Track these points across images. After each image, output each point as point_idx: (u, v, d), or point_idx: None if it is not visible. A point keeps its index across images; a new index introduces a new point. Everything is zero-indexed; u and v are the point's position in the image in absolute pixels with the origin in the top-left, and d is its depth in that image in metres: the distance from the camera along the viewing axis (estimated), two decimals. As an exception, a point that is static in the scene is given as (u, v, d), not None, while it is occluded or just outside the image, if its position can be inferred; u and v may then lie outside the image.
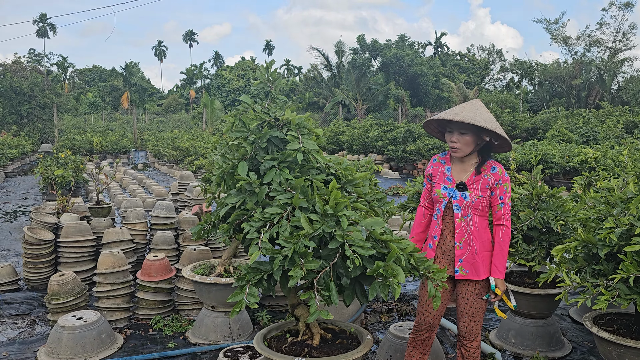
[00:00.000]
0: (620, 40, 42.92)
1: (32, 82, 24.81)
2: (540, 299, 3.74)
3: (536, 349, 3.78)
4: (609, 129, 15.85)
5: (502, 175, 2.76)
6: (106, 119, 43.99)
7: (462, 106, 2.75)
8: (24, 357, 3.86)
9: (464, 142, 2.71)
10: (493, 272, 2.78)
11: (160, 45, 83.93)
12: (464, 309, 2.87)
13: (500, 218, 2.76)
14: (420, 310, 2.95)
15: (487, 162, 2.78)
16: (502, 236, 2.76)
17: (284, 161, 2.64)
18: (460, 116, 2.65)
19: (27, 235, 5.21)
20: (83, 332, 3.80)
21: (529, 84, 48.62)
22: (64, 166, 9.76)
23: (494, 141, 2.73)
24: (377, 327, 4.38)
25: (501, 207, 2.75)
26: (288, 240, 2.05)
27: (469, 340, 2.90)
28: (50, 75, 45.02)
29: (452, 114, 2.70)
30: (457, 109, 2.73)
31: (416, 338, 3.00)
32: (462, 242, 2.76)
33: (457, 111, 2.70)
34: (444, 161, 2.89)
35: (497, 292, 2.77)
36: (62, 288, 4.28)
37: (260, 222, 2.23)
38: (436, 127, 2.96)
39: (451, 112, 2.73)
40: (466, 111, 2.68)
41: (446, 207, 2.80)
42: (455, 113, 2.69)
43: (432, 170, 2.90)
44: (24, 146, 21.41)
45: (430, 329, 2.96)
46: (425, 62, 44.46)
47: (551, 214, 3.64)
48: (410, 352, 3.04)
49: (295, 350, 2.41)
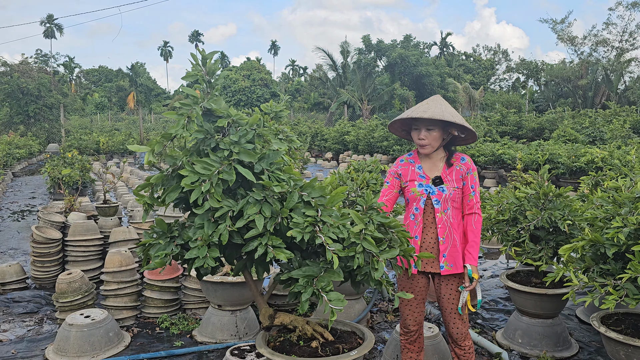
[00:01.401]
0: (627, 40, 42.70)
1: (39, 82, 24.98)
2: (547, 298, 3.73)
3: (543, 348, 3.77)
4: (615, 129, 15.77)
5: (471, 164, 2.86)
6: (112, 120, 44.20)
7: (426, 103, 2.80)
8: (32, 355, 3.89)
9: (432, 138, 2.77)
10: (467, 259, 2.79)
11: (166, 46, 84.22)
12: (452, 310, 2.85)
13: (472, 207, 2.83)
14: (403, 310, 2.97)
15: (454, 154, 2.86)
16: (475, 224, 2.82)
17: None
18: (429, 113, 2.70)
19: (35, 234, 5.25)
20: (91, 330, 3.82)
21: (535, 84, 48.47)
22: (71, 166, 9.81)
23: (461, 134, 2.81)
24: (383, 326, 4.39)
25: (473, 195, 2.82)
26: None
27: (461, 340, 2.88)
28: (57, 75, 45.23)
29: (420, 111, 2.74)
30: (423, 107, 2.78)
31: (408, 339, 3.02)
32: (444, 237, 2.78)
33: (424, 108, 2.75)
34: (413, 160, 2.91)
35: (474, 277, 2.77)
36: (70, 286, 4.31)
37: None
38: (400, 126, 2.98)
39: (418, 109, 2.77)
40: (432, 108, 2.73)
41: (425, 203, 2.82)
42: (422, 110, 2.73)
43: (402, 171, 2.89)
44: (31, 146, 21.55)
45: (418, 325, 2.98)
46: (431, 62, 44.39)
47: (558, 213, 3.63)
48: (406, 354, 3.06)
49: (297, 351, 2.40)
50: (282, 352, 2.38)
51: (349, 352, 2.35)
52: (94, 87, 66.81)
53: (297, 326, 2.43)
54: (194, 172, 2.03)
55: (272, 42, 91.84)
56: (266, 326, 2.46)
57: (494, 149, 14.00)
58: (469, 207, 2.83)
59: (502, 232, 3.89)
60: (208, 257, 2.03)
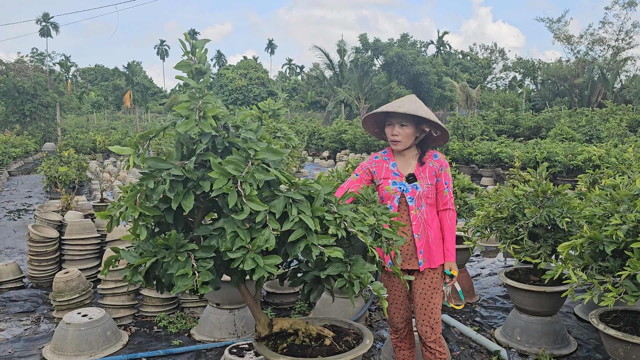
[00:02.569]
0: (623, 39, 42.83)
1: (35, 81, 24.89)
2: (546, 296, 3.73)
3: (542, 346, 3.77)
4: (612, 128, 15.81)
5: (444, 160, 2.87)
6: (109, 118, 44.07)
7: (400, 100, 2.81)
8: (29, 354, 3.87)
9: (404, 135, 2.77)
10: (447, 257, 2.83)
11: (162, 45, 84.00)
12: (422, 305, 2.84)
13: (446, 203, 2.84)
14: (389, 309, 2.97)
15: (427, 152, 2.86)
16: (450, 220, 2.85)
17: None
18: (403, 108, 2.70)
19: (31, 233, 5.22)
20: (88, 329, 3.81)
21: (531, 83, 48.55)
22: (67, 165, 9.78)
23: (434, 133, 2.81)
24: (382, 324, 4.38)
25: (447, 192, 2.84)
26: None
27: (430, 339, 2.84)
28: (53, 74, 45.11)
29: (394, 106, 2.75)
30: (397, 102, 2.79)
31: (398, 337, 3.02)
32: (419, 233, 2.79)
33: (398, 104, 2.76)
34: (387, 157, 2.90)
35: (453, 274, 2.82)
36: (67, 285, 4.29)
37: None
38: (373, 123, 2.96)
39: (393, 105, 2.77)
40: (406, 104, 2.75)
41: (399, 201, 2.82)
42: (397, 106, 2.74)
43: (376, 168, 2.88)
44: (27, 145, 21.46)
45: (407, 322, 2.99)
46: (428, 61, 44.42)
47: (557, 211, 3.63)
48: (398, 352, 3.07)
49: (312, 352, 2.38)
50: (300, 356, 2.32)
51: (345, 353, 2.33)
52: (90, 86, 66.64)
53: (299, 328, 2.41)
54: (224, 174, 1.86)
55: (268, 41, 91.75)
56: (265, 335, 2.38)
57: (491, 148, 14.01)
58: (443, 204, 2.85)
59: (501, 229, 3.89)
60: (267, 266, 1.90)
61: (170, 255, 1.96)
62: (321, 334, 2.42)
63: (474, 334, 4.03)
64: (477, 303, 4.91)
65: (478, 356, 3.77)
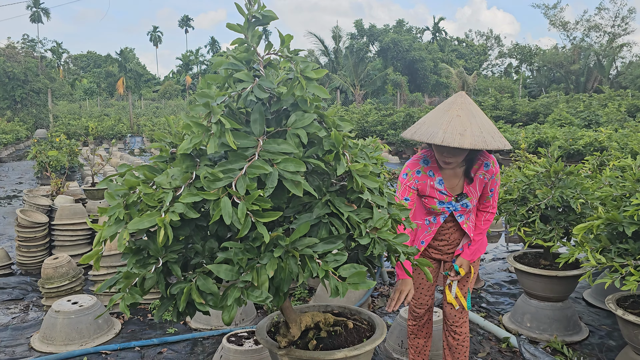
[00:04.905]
0: (619, 25, 42.70)
1: (25, 66, 24.47)
2: (557, 281, 3.58)
3: (553, 333, 3.62)
4: (611, 113, 15.67)
5: (495, 167, 2.54)
6: (102, 105, 43.59)
7: (459, 120, 2.25)
8: (17, 343, 3.68)
9: (459, 157, 2.36)
10: (464, 252, 2.63)
11: (155, 31, 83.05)
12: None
13: (487, 206, 2.62)
14: (415, 294, 2.79)
15: (477, 161, 2.48)
16: (484, 222, 2.63)
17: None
18: (468, 139, 2.17)
19: (19, 218, 5.02)
20: (79, 317, 3.62)
21: (527, 70, 48.37)
22: (59, 150, 9.53)
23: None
24: (385, 311, 4.22)
25: (491, 197, 2.60)
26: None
27: (457, 324, 2.72)
28: (45, 61, 44.49)
29: (456, 135, 2.18)
30: (457, 126, 2.22)
31: (417, 323, 2.86)
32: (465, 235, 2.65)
33: (460, 130, 2.20)
34: (432, 172, 2.49)
35: (460, 272, 2.62)
36: (56, 271, 4.10)
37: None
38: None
39: (454, 132, 2.19)
40: (468, 128, 2.21)
41: (445, 219, 2.60)
42: (459, 133, 2.18)
43: (419, 185, 2.50)
44: (18, 131, 21.13)
45: (428, 310, 2.84)
46: (424, 47, 44.12)
47: (570, 192, 3.46)
48: (414, 340, 2.90)
49: (328, 344, 2.20)
50: (336, 347, 2.13)
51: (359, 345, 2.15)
52: (83, 73, 65.87)
53: (319, 320, 2.21)
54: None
55: (263, 28, 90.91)
56: (294, 340, 2.06)
57: (489, 133, 13.85)
58: (484, 206, 2.63)
59: (510, 212, 3.72)
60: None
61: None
62: (338, 321, 2.25)
63: (482, 320, 3.88)
64: (482, 289, 4.76)
65: (487, 343, 3.61)
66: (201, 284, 1.50)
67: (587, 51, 41.65)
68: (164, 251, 1.55)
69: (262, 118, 1.51)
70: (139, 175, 1.60)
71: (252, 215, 1.38)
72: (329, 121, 1.56)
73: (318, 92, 1.54)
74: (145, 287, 1.56)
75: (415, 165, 2.52)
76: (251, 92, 1.49)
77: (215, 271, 1.46)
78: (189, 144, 1.41)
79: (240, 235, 1.37)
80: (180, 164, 1.51)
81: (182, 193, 1.44)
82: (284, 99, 1.56)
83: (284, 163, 1.43)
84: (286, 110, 1.58)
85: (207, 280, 1.50)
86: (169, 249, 1.55)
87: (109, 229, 1.51)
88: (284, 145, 1.46)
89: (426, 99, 37.04)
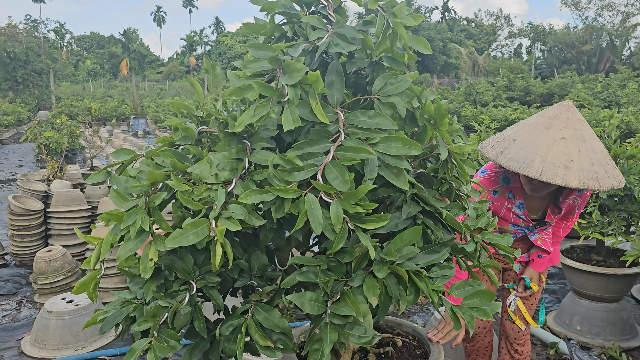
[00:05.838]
0: (633, 4, 41.63)
1: (27, 46, 23.96)
2: (614, 279, 3.14)
3: (607, 337, 3.20)
4: (631, 94, 15.08)
5: (589, 191, 2.10)
6: (105, 87, 43.09)
7: (564, 145, 1.72)
8: (5, 347, 3.30)
9: (552, 187, 1.92)
10: (535, 263, 2.18)
11: (159, 11, 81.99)
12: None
13: (569, 219, 2.20)
14: None
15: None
16: (564, 229, 2.22)
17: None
18: (576, 177, 1.64)
19: (12, 205, 4.62)
20: (74, 318, 3.23)
21: (537, 50, 47.42)
22: (58, 131, 9.11)
23: None
24: (413, 309, 3.82)
25: (575, 213, 2.16)
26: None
27: (516, 339, 2.37)
28: (48, 42, 43.87)
29: (560, 168, 1.65)
30: (561, 155, 1.69)
31: (475, 344, 2.44)
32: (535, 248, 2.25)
33: (564, 161, 1.67)
34: (512, 195, 2.03)
35: (533, 288, 2.19)
36: (49, 266, 3.71)
37: None
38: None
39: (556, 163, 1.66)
40: (576, 158, 1.69)
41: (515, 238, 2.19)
42: (563, 165, 1.65)
43: (494, 207, 2.08)
44: (19, 113, 20.72)
45: (486, 331, 2.41)
46: (432, 27, 43.26)
47: (633, 178, 3.01)
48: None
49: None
50: None
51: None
52: (86, 54, 65.21)
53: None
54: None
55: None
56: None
57: (506, 114, 13.32)
58: (567, 219, 2.20)
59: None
60: None
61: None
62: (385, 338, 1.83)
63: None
64: (517, 283, 4.34)
65: (532, 350, 3.20)
66: (263, 318, 1.09)
67: (600, 31, 40.69)
68: (197, 272, 1.12)
69: (341, 81, 1.06)
70: (162, 164, 1.14)
71: (349, 221, 0.96)
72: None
73: (419, 45, 1.09)
74: (175, 325, 1.12)
75: (493, 183, 2.03)
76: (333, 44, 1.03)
77: (299, 303, 1.03)
78: (253, 116, 0.95)
79: (334, 249, 0.95)
80: (227, 147, 1.07)
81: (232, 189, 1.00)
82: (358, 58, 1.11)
83: (383, 143, 0.99)
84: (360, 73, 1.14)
85: (271, 313, 1.09)
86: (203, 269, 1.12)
87: (127, 246, 1.05)
88: (378, 119, 1.01)
89: (435, 80, 36.31)
